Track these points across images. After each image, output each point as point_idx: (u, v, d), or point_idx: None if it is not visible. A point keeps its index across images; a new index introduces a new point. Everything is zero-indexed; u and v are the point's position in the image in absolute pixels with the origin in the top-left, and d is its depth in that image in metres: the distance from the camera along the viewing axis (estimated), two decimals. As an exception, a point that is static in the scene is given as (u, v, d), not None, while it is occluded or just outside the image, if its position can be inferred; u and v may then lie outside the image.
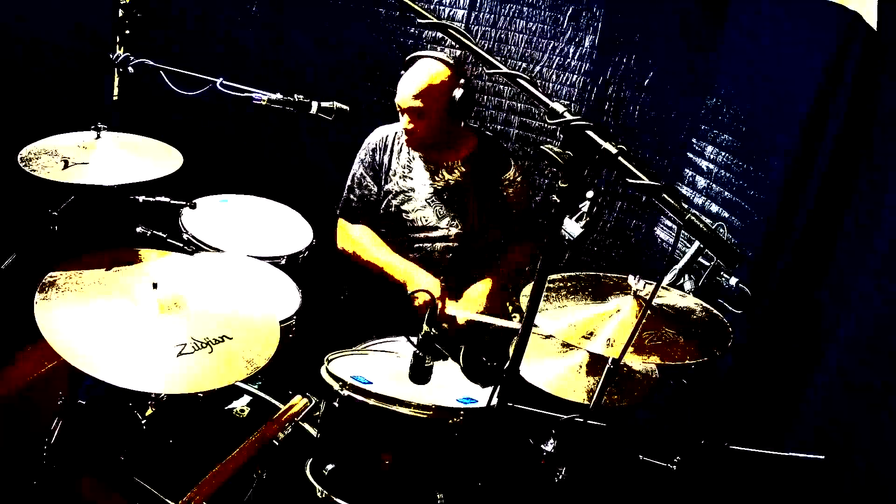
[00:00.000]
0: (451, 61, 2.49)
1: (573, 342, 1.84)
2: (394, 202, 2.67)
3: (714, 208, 2.75)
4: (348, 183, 2.73)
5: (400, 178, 2.66)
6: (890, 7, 2.12)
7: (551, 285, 1.98)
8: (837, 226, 2.30)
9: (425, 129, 2.51)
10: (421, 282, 2.54)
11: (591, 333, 1.80)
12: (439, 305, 2.48)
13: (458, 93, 2.46)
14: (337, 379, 1.98)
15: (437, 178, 2.64)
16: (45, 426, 1.98)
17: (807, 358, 2.35)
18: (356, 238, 2.71)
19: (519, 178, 2.69)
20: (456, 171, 2.64)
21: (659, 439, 2.27)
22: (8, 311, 2.12)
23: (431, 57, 2.50)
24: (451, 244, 2.65)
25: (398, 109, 2.52)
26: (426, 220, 2.65)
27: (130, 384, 1.57)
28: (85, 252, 1.88)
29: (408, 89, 2.47)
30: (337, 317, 2.80)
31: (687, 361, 1.75)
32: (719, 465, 2.19)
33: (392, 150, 2.68)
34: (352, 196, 2.71)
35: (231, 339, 1.76)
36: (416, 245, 2.67)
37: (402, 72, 2.53)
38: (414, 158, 2.66)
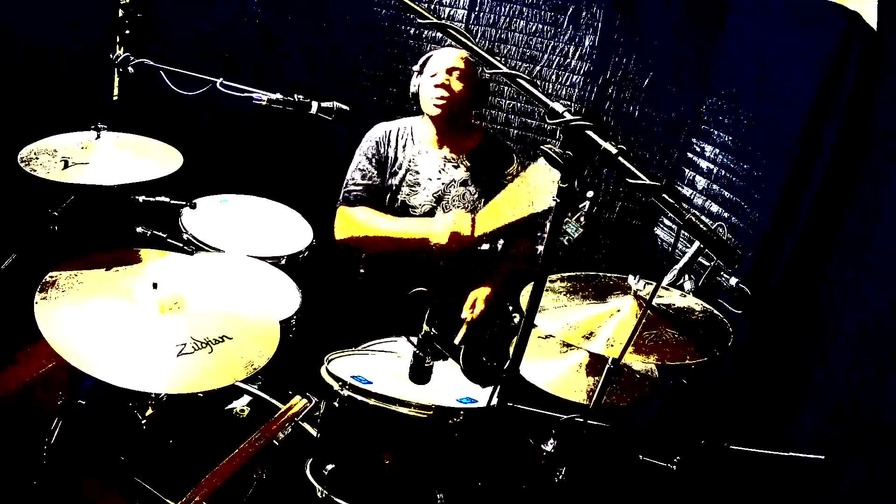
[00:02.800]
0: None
1: (573, 342, 1.84)
2: (399, 197, 2.67)
3: (714, 208, 2.75)
4: (349, 174, 2.68)
5: (406, 171, 2.66)
6: (890, 7, 2.12)
7: (551, 285, 1.98)
8: (837, 225, 2.29)
9: (462, 92, 2.57)
10: (440, 224, 2.52)
11: (591, 333, 1.80)
12: (467, 232, 2.49)
13: (482, 77, 2.61)
14: (337, 379, 1.98)
15: (442, 173, 2.65)
16: (45, 426, 1.98)
17: (807, 357, 2.35)
18: (360, 218, 2.62)
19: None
20: (461, 165, 2.66)
21: (659, 439, 2.27)
22: (8, 311, 2.12)
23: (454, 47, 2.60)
24: None
25: (432, 76, 2.57)
26: (432, 215, 2.65)
27: (130, 384, 1.57)
28: (85, 252, 1.88)
29: (449, 54, 2.59)
30: (337, 317, 2.80)
31: (687, 361, 1.75)
32: (719, 465, 2.19)
33: (397, 145, 2.68)
34: (354, 186, 2.65)
35: (231, 339, 1.76)
36: None
37: (416, 68, 2.62)
38: (420, 153, 2.67)
